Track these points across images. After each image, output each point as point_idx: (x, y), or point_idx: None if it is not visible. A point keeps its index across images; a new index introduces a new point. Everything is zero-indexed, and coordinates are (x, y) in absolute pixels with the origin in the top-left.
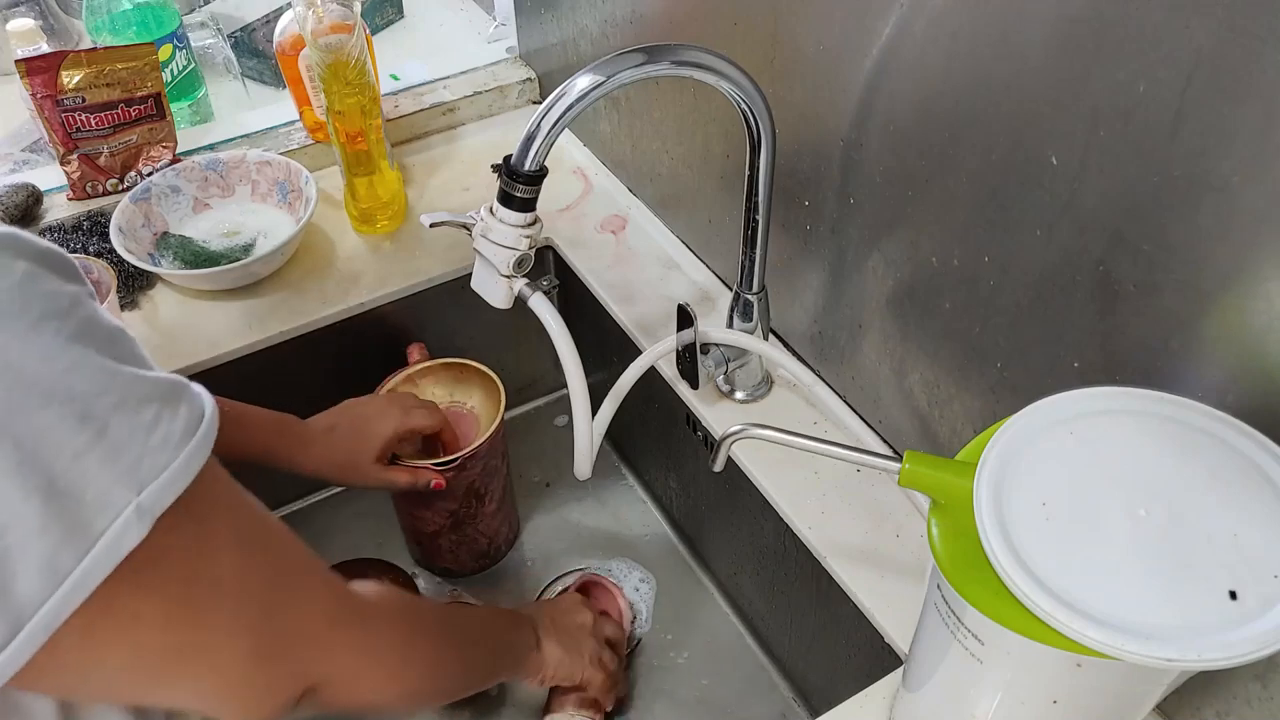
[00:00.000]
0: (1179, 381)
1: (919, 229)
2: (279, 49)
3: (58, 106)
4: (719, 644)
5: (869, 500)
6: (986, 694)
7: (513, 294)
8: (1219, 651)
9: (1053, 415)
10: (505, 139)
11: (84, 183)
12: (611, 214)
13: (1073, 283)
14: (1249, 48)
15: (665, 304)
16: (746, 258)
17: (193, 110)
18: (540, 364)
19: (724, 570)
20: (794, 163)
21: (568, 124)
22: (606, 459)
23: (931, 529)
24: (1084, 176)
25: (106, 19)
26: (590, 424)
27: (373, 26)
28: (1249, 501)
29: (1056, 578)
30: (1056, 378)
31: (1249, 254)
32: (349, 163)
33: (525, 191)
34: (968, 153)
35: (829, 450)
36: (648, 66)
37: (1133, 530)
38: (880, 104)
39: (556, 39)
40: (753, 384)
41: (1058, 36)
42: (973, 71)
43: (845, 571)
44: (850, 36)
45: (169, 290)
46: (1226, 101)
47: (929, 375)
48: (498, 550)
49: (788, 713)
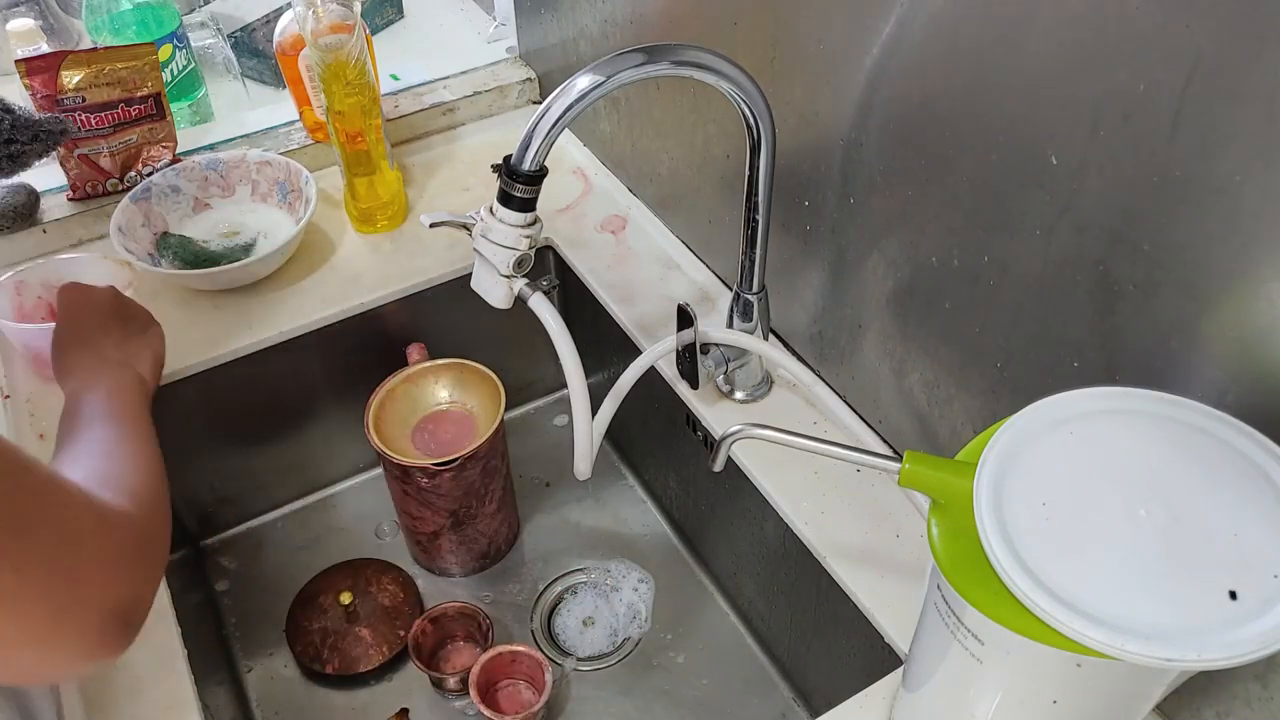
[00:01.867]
0: (1179, 381)
1: (919, 229)
2: (279, 49)
3: (58, 106)
4: (719, 644)
5: (869, 500)
6: (986, 694)
7: (513, 294)
8: (1219, 651)
9: (1053, 415)
10: (505, 139)
11: (84, 183)
12: (611, 214)
13: (1073, 283)
14: (1249, 48)
15: (665, 304)
16: (746, 258)
17: (193, 110)
18: (540, 364)
19: (724, 570)
20: (794, 163)
21: (568, 124)
22: (606, 459)
23: (931, 529)
24: (1084, 176)
25: (106, 19)
26: (590, 424)
27: (373, 26)
28: (1249, 501)
29: (1056, 578)
30: (1056, 378)
31: (1249, 254)
32: (349, 163)
33: (525, 191)
34: (968, 153)
35: (829, 450)
36: (648, 66)
37: (1133, 530)
38: (880, 104)
39: (556, 39)
40: (753, 384)
41: (1058, 36)
42: (973, 71)
43: (845, 571)
44: (850, 36)
45: (169, 290)
46: (1226, 101)
47: (929, 375)
48: (498, 550)
49: (788, 713)
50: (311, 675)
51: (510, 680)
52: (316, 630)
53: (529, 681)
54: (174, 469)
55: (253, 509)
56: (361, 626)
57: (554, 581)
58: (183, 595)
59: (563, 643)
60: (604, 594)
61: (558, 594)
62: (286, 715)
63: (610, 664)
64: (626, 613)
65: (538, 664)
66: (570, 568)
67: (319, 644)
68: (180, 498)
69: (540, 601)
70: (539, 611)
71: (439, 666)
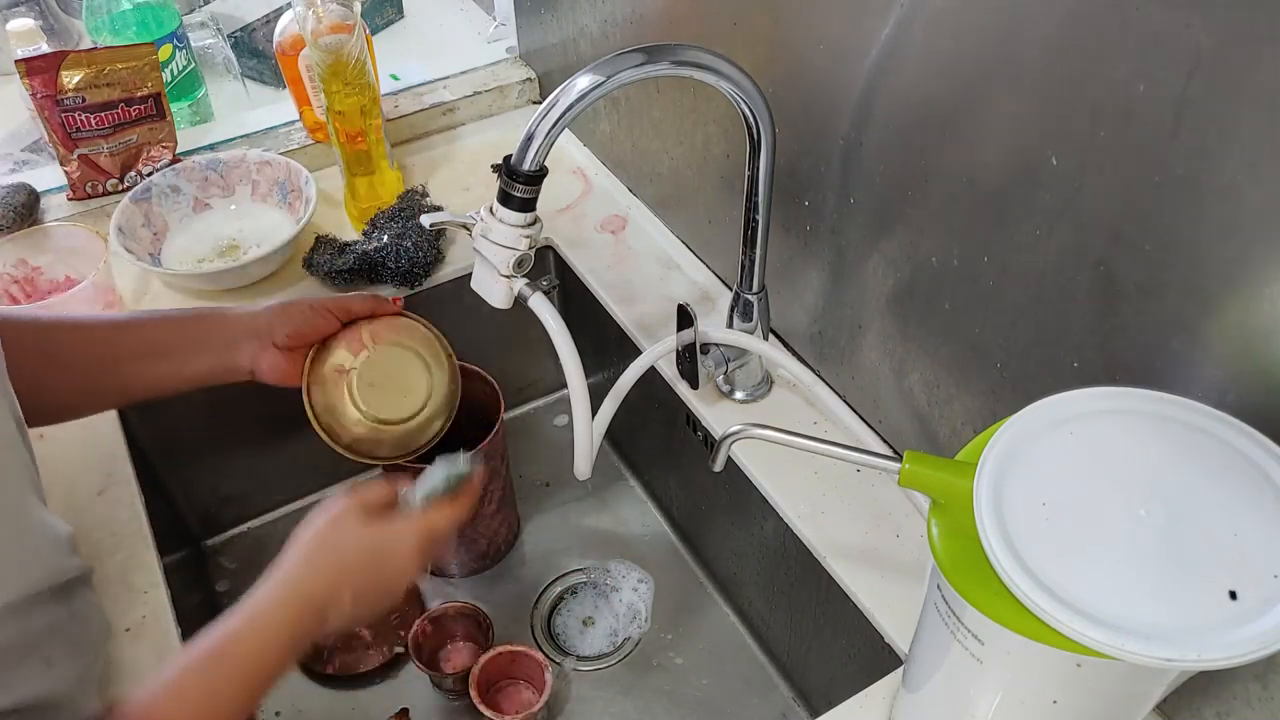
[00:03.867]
0: (1179, 381)
1: (919, 229)
2: (279, 49)
3: (58, 106)
4: (719, 644)
5: (869, 500)
6: (986, 694)
7: (513, 294)
8: (1219, 651)
9: (1053, 415)
10: (505, 139)
11: (84, 183)
12: (611, 214)
13: (1073, 283)
14: (1249, 48)
15: (665, 304)
16: (746, 258)
17: (193, 110)
18: (540, 364)
19: (724, 570)
20: (794, 163)
21: (567, 124)
22: (606, 459)
23: (931, 529)
24: (1084, 176)
25: (106, 19)
26: (590, 424)
27: (373, 26)
28: (1249, 501)
29: (1056, 578)
30: (1056, 378)
31: (1250, 254)
32: (349, 163)
33: (525, 191)
34: (968, 152)
35: (829, 450)
36: (648, 66)
37: (1133, 530)
38: (880, 103)
39: (556, 39)
40: (753, 384)
41: (1058, 36)
42: (973, 71)
43: (845, 571)
44: (850, 36)
45: (169, 290)
46: (1226, 101)
47: (929, 375)
48: (498, 550)
49: (788, 713)
50: (311, 675)
51: (510, 680)
52: None
53: (529, 681)
54: (175, 469)
55: (253, 509)
56: (361, 626)
57: (554, 581)
58: (183, 595)
59: (563, 643)
60: (604, 594)
61: (558, 594)
62: (286, 715)
63: (610, 664)
64: (626, 613)
65: (538, 664)
66: (570, 568)
67: (319, 644)
68: (181, 498)
69: (540, 601)
70: (539, 611)
71: (439, 666)
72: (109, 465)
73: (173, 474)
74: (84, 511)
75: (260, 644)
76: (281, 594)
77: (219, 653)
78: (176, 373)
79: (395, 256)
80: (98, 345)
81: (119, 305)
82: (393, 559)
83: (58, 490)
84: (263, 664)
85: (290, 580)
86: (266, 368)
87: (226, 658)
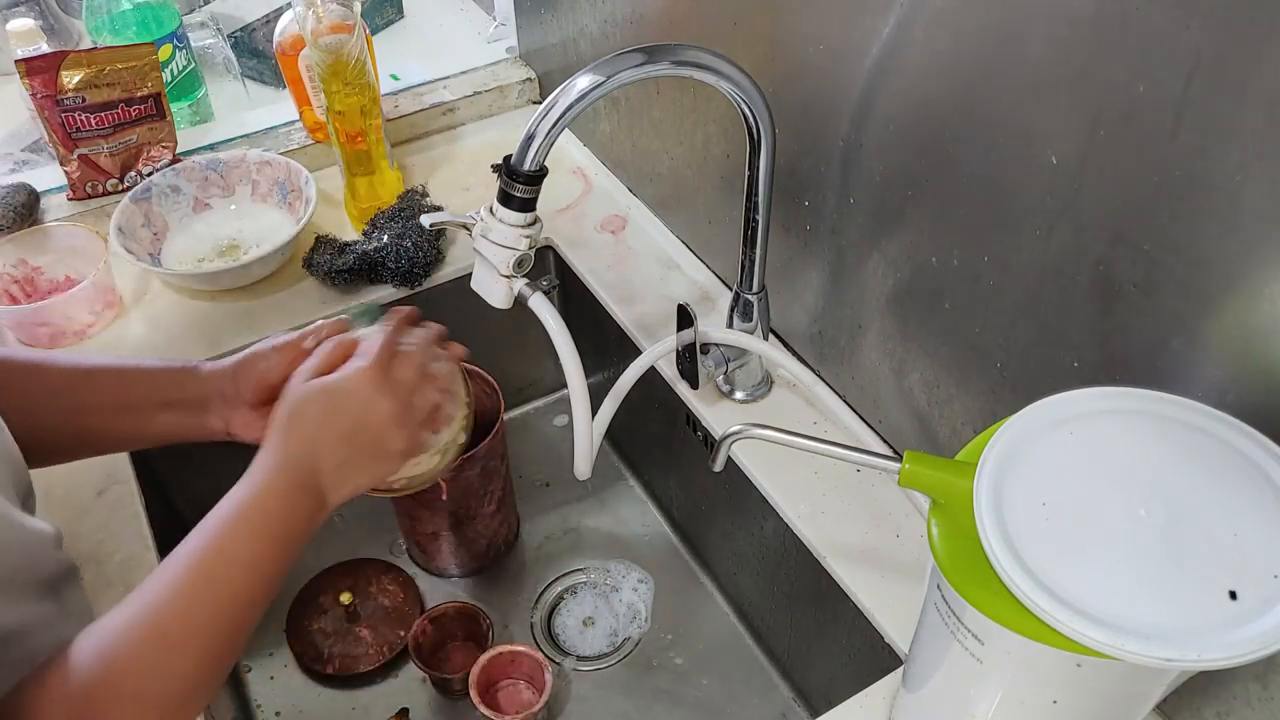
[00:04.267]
0: (1179, 381)
1: (919, 229)
2: (279, 49)
3: (58, 106)
4: (719, 644)
5: (869, 500)
6: (986, 694)
7: (513, 294)
8: (1219, 651)
9: (1053, 415)
10: (505, 139)
11: (84, 183)
12: (611, 214)
13: (1073, 283)
14: (1249, 48)
15: (665, 304)
16: (746, 258)
17: (193, 110)
18: (540, 364)
19: (724, 570)
20: (794, 163)
21: (567, 124)
22: (606, 459)
23: (931, 529)
24: (1084, 176)
25: (106, 19)
26: (590, 424)
27: (373, 26)
28: (1249, 501)
29: (1056, 578)
30: (1056, 378)
31: (1250, 254)
32: (349, 163)
33: (525, 191)
34: (968, 152)
35: (829, 450)
36: (648, 66)
37: (1133, 530)
38: (880, 104)
39: (556, 39)
40: (753, 384)
41: (1058, 36)
42: (973, 71)
43: (845, 571)
44: (850, 36)
45: (169, 290)
46: (1226, 101)
47: (929, 375)
48: (498, 550)
49: (788, 713)
50: (312, 675)
51: (510, 680)
52: (316, 630)
53: (529, 681)
54: (175, 469)
55: None
56: (361, 626)
57: (554, 581)
58: None
59: (563, 643)
60: (604, 594)
61: (558, 594)
62: (286, 715)
63: (610, 664)
64: (626, 613)
65: (538, 664)
66: (570, 568)
67: (319, 644)
68: (182, 498)
69: (540, 601)
70: (539, 611)
71: (439, 666)
72: (109, 465)
73: (173, 474)
74: (84, 512)
75: (251, 543)
76: (263, 480)
77: (205, 574)
78: (140, 428)
79: (395, 256)
80: (61, 395)
81: (119, 305)
82: (355, 395)
83: (58, 490)
84: (258, 565)
85: (265, 467)
86: (240, 428)
87: (213, 580)
